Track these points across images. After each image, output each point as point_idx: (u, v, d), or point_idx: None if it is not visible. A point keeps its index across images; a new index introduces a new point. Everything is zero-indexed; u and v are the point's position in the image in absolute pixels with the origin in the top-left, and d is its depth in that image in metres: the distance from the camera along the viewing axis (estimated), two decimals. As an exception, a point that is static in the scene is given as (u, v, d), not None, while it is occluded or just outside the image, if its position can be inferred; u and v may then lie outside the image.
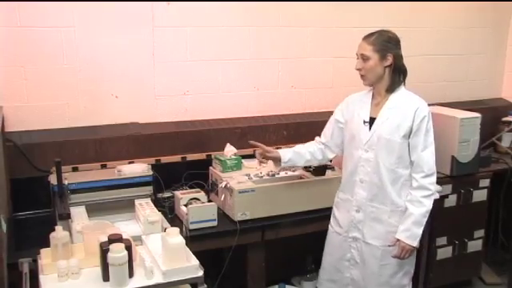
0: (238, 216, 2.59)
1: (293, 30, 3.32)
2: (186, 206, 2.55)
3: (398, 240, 2.34)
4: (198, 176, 2.93)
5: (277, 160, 2.55)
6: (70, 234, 2.08)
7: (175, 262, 1.92)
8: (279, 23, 3.26)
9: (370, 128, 2.39)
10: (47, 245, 1.98)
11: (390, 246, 2.37)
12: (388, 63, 2.32)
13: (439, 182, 3.19)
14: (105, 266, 1.83)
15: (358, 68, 2.36)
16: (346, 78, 3.49)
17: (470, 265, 3.56)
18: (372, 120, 2.40)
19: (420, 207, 2.33)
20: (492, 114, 3.86)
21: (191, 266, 1.95)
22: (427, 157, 2.34)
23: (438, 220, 3.24)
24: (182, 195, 2.61)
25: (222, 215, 2.65)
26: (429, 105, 2.20)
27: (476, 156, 3.31)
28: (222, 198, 2.70)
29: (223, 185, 2.68)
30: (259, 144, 2.53)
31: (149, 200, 2.54)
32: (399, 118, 2.34)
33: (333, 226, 2.59)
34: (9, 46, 2.63)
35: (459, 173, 3.27)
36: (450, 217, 3.30)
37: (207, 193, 2.77)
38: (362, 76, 2.37)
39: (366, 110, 2.43)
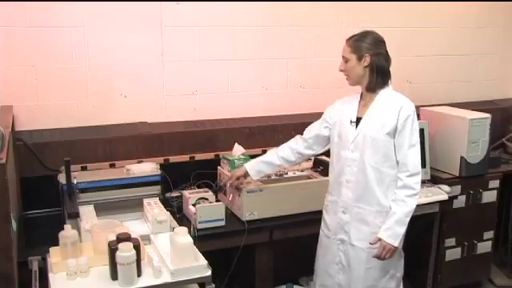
0: (246, 216, 2.59)
1: (302, 29, 3.31)
2: (194, 205, 2.55)
3: (380, 239, 2.30)
4: (207, 176, 2.93)
5: (246, 176, 2.58)
6: (79, 233, 2.09)
7: (183, 262, 1.92)
8: (288, 23, 3.25)
9: (356, 127, 2.39)
10: (56, 243, 2.00)
11: (371, 244, 2.33)
12: (366, 64, 2.32)
13: (448, 182, 3.20)
14: (113, 265, 1.84)
15: (340, 69, 2.39)
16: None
17: (480, 266, 3.53)
18: (359, 120, 2.39)
19: (403, 206, 2.30)
20: (502, 115, 3.83)
21: (199, 266, 1.96)
22: (412, 156, 2.32)
23: (447, 221, 3.23)
24: (191, 195, 2.61)
25: (230, 215, 2.66)
26: (438, 105, 2.17)
27: (485, 157, 3.29)
28: (230, 198, 2.71)
29: (231, 185, 2.68)
30: (227, 181, 2.65)
31: (157, 199, 2.56)
32: (384, 117, 2.33)
33: (323, 230, 2.56)
34: (20, 46, 2.65)
35: (468, 174, 3.25)
36: (459, 218, 3.28)
37: (215, 192, 2.77)
38: (346, 76, 2.40)
39: (354, 110, 2.43)
